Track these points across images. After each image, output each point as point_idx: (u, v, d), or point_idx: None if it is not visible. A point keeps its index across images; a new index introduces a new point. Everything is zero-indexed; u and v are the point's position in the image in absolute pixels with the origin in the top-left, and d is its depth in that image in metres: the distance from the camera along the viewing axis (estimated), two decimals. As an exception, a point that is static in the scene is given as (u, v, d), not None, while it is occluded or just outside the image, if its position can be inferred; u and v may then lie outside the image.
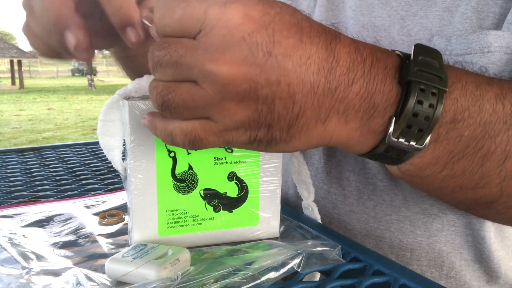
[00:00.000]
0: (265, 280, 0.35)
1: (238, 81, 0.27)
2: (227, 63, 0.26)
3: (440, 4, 0.50)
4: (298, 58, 0.27)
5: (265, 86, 0.27)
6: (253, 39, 0.26)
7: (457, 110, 0.32)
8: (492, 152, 0.33)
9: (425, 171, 0.35)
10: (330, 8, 0.61)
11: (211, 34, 0.26)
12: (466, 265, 0.53)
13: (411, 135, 0.31)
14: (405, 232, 0.54)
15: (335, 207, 0.59)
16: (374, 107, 0.30)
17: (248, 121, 0.29)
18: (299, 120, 0.29)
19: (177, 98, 0.28)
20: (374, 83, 0.30)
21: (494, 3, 0.46)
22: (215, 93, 0.27)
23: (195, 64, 0.27)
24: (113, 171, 0.72)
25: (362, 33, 0.56)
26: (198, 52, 0.27)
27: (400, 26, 0.53)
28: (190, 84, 0.28)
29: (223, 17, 0.26)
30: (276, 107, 0.28)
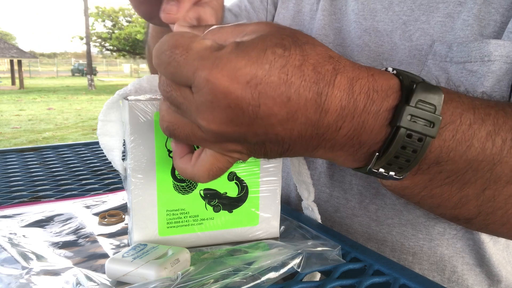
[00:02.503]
0: (265, 280, 0.35)
1: (228, 134, 0.29)
2: (216, 123, 0.28)
3: (442, 10, 0.50)
4: (285, 114, 0.28)
5: (254, 137, 0.29)
6: (238, 106, 0.27)
7: (443, 150, 0.33)
8: (472, 182, 0.34)
9: (404, 190, 0.36)
10: (333, 12, 0.61)
11: (200, 94, 0.27)
12: (468, 269, 0.53)
13: (391, 169, 0.33)
14: (407, 236, 0.54)
15: (337, 211, 0.59)
16: (360, 144, 0.32)
17: (246, 153, 0.32)
18: (289, 152, 0.32)
19: (182, 133, 0.31)
20: (362, 127, 0.30)
21: (495, 11, 0.46)
22: (210, 138, 0.30)
23: (190, 114, 0.29)
24: (113, 171, 0.72)
25: (364, 37, 0.56)
26: (192, 106, 0.29)
27: (402, 31, 0.53)
28: (190, 122, 0.30)
29: (208, 84, 0.27)
30: (267, 146, 0.31)
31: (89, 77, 19.03)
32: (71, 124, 7.74)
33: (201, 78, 0.27)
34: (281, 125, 0.28)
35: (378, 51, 0.55)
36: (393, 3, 0.55)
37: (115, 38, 32.32)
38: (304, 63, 0.27)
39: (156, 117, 0.38)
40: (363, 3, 0.57)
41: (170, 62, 0.28)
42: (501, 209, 0.36)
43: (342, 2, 0.61)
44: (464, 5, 0.48)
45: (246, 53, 0.27)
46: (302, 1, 0.67)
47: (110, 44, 34.25)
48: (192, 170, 0.33)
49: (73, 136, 6.49)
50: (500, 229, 0.38)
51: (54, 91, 16.18)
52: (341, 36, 0.61)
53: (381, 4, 0.56)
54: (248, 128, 0.28)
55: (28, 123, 7.82)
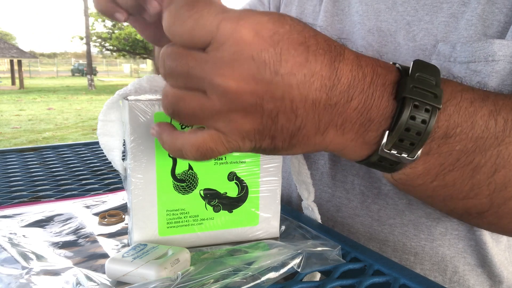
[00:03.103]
0: (265, 280, 0.35)
1: (245, 96, 0.28)
2: (235, 79, 0.27)
3: (446, 10, 0.50)
4: (303, 76, 0.28)
5: (270, 101, 0.28)
6: (261, 58, 0.27)
7: (450, 126, 0.33)
8: (482, 165, 0.34)
9: (417, 180, 0.36)
10: (336, 12, 0.62)
11: (222, 49, 0.27)
12: (469, 269, 0.53)
13: (403, 148, 0.33)
14: (408, 236, 0.54)
15: (339, 210, 0.59)
16: (370, 121, 0.32)
17: (253, 133, 0.30)
18: (300, 132, 0.31)
19: (187, 107, 0.29)
20: (371, 99, 0.31)
21: (499, 11, 0.46)
22: (223, 104, 0.28)
23: (204, 76, 0.28)
24: (113, 171, 0.72)
25: (368, 38, 0.56)
26: (208, 65, 0.27)
27: (406, 31, 0.53)
28: (200, 94, 0.29)
29: (234, 34, 0.27)
30: (280, 121, 0.30)
31: (89, 77, 19.03)
32: (71, 124, 7.74)
33: (226, 29, 0.27)
34: (298, 88, 0.28)
35: (381, 51, 0.55)
36: (396, 3, 0.55)
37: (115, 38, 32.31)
38: (317, 34, 0.30)
39: (156, 117, 0.38)
40: (367, 4, 0.57)
41: (192, 15, 0.27)
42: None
43: (345, 3, 0.61)
44: (468, 5, 0.48)
45: (267, 14, 0.28)
46: (304, 3, 0.67)
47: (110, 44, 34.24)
48: (182, 141, 0.31)
49: (73, 136, 6.49)
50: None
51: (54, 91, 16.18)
52: (343, 37, 0.61)
53: (385, 4, 0.56)
54: (267, 87, 0.28)
55: (28, 123, 7.82)
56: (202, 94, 0.29)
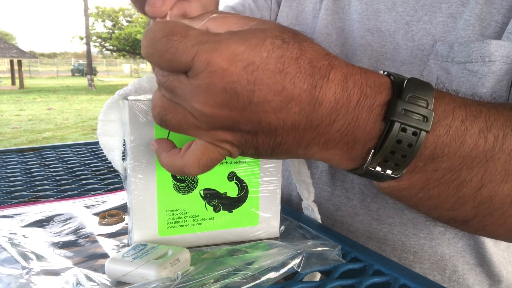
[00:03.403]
0: (265, 280, 0.35)
1: (221, 119, 0.29)
2: (210, 106, 0.28)
3: (444, 10, 0.50)
4: (279, 102, 0.28)
5: (247, 123, 0.29)
6: (234, 89, 0.28)
7: (437, 146, 0.33)
8: (468, 181, 0.35)
9: (402, 192, 0.36)
10: (336, 11, 0.62)
11: (197, 78, 0.28)
12: (469, 268, 0.53)
13: (387, 167, 0.33)
14: (408, 235, 0.54)
15: (339, 209, 0.59)
16: (355, 141, 0.32)
17: (237, 145, 0.31)
18: (281, 147, 0.31)
19: (173, 120, 0.31)
20: (356, 122, 0.31)
21: (497, 11, 0.47)
22: (203, 123, 0.30)
23: (185, 98, 0.29)
24: (113, 171, 0.72)
25: (367, 37, 0.56)
26: (187, 89, 0.29)
27: (405, 31, 0.53)
28: (184, 108, 0.30)
29: (208, 67, 0.27)
30: (259, 137, 0.30)
31: (89, 77, 19.03)
32: (71, 124, 7.74)
33: (201, 61, 0.27)
34: (274, 114, 0.29)
35: (380, 51, 0.55)
36: (396, 4, 0.55)
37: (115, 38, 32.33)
38: (301, 56, 0.28)
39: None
40: (367, 3, 0.57)
41: (168, 49, 0.28)
42: (498, 210, 0.36)
43: (345, 1, 0.61)
44: (466, 5, 0.49)
45: (245, 40, 0.28)
46: (305, 0, 0.67)
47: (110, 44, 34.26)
48: (182, 161, 0.32)
49: (73, 136, 6.49)
50: (497, 230, 0.39)
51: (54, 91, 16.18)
52: (343, 35, 0.61)
53: (385, 4, 0.56)
54: (241, 113, 0.29)
55: (28, 123, 7.82)
56: (186, 109, 0.30)
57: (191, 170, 0.32)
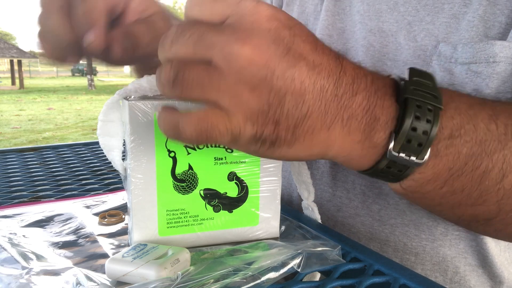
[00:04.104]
0: (265, 280, 0.35)
1: (257, 66, 0.28)
2: (252, 46, 0.28)
3: (447, 11, 0.50)
4: (312, 62, 0.29)
5: (280, 77, 0.28)
6: (278, 33, 0.28)
7: (454, 127, 0.33)
8: (489, 170, 0.35)
9: (426, 187, 0.36)
10: (337, 12, 0.62)
11: (241, 20, 0.28)
12: (470, 270, 0.53)
13: (411, 150, 0.33)
14: (409, 236, 0.54)
15: (340, 210, 0.59)
16: (376, 120, 0.32)
17: (257, 113, 0.29)
18: (305, 122, 0.30)
19: (192, 75, 0.28)
20: (375, 97, 0.32)
21: (500, 12, 0.46)
22: (232, 74, 0.28)
23: (218, 42, 0.28)
24: (113, 171, 0.72)
25: (369, 38, 0.56)
26: (224, 32, 0.28)
27: (407, 31, 0.53)
28: (206, 64, 0.28)
29: (254, 9, 0.28)
30: (287, 102, 0.29)
31: (89, 77, 19.03)
32: (71, 124, 7.74)
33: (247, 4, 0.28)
34: (307, 72, 0.29)
35: (382, 51, 0.55)
36: (398, 4, 0.55)
37: (115, 38, 32.25)
38: None
39: (156, 117, 0.38)
40: (369, 4, 0.57)
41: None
42: None
43: (346, 2, 0.61)
44: (469, 6, 0.48)
45: None
46: (306, 2, 0.67)
47: (110, 44, 34.16)
48: (181, 116, 0.30)
49: (73, 136, 6.49)
50: None
51: (54, 91, 16.17)
52: (344, 36, 0.61)
53: (387, 4, 0.56)
54: (279, 61, 0.28)
55: (28, 123, 7.82)
56: (207, 65, 0.28)
57: (186, 128, 0.29)
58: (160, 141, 0.38)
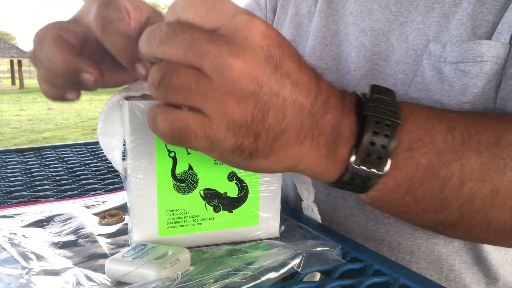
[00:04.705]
0: (265, 280, 0.35)
1: (247, 80, 0.29)
2: (245, 61, 0.28)
3: (438, 10, 0.50)
4: (295, 80, 0.31)
5: (267, 93, 0.30)
6: (269, 50, 0.29)
7: (412, 140, 0.35)
8: (448, 179, 0.36)
9: (390, 196, 0.37)
10: (330, 14, 0.62)
11: (235, 32, 0.28)
12: (465, 267, 0.53)
13: (371, 163, 0.34)
14: (404, 235, 0.54)
15: (335, 210, 0.59)
16: (339, 136, 0.34)
17: (240, 124, 0.30)
18: (283, 136, 0.32)
19: (181, 78, 0.28)
20: (341, 115, 0.34)
21: (488, 11, 0.47)
22: (222, 84, 0.28)
23: (212, 51, 0.28)
24: (113, 171, 0.72)
25: (361, 38, 0.56)
26: (219, 42, 0.28)
27: (399, 32, 0.53)
28: (196, 70, 0.29)
29: (249, 24, 0.29)
30: (269, 117, 0.30)
31: (89, 77, 18.98)
32: (71, 124, 7.74)
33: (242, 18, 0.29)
34: (290, 90, 0.31)
35: (374, 51, 0.55)
36: (389, 3, 0.55)
37: (115, 38, 32.29)
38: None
39: None
40: (361, 5, 0.57)
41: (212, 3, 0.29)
42: (481, 212, 0.37)
43: (339, 4, 0.61)
44: (459, 5, 0.49)
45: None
46: (299, 3, 0.67)
47: (110, 44, 34.20)
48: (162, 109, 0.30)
49: (73, 136, 6.49)
50: (483, 234, 0.40)
51: (54, 91, 16.15)
52: (338, 38, 0.61)
53: (378, 4, 0.56)
54: (268, 78, 0.29)
55: (28, 123, 7.82)
56: (197, 71, 0.28)
57: (160, 123, 0.30)
58: (160, 141, 0.38)
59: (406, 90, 0.51)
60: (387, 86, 0.50)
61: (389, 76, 0.54)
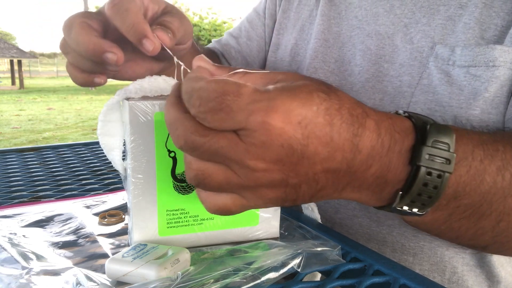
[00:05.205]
0: (265, 280, 0.35)
1: (272, 174, 0.29)
2: (265, 162, 0.28)
3: (442, 12, 0.50)
4: (326, 153, 0.29)
5: (295, 177, 0.29)
6: (290, 145, 0.28)
7: (460, 185, 0.35)
8: (487, 215, 0.37)
9: (426, 225, 0.38)
10: (333, 16, 0.62)
11: (253, 136, 0.28)
12: (468, 270, 0.53)
13: (414, 206, 0.34)
14: (407, 236, 0.54)
15: (338, 212, 0.59)
16: (386, 183, 0.33)
17: (276, 200, 0.31)
18: (319, 193, 0.32)
19: (213, 182, 0.30)
20: (388, 166, 0.32)
21: (496, 14, 0.47)
22: (250, 181, 0.29)
23: (235, 157, 0.28)
24: (113, 171, 0.72)
25: (367, 41, 0.57)
26: (239, 148, 0.28)
27: (403, 33, 0.53)
28: (225, 167, 0.29)
29: (264, 125, 0.27)
30: (302, 189, 0.31)
31: (89, 77, 18.97)
32: (71, 124, 7.74)
33: (256, 121, 0.27)
34: (321, 164, 0.29)
35: (379, 54, 0.56)
36: (394, 6, 0.55)
37: (115, 38, 32.25)
38: (341, 106, 0.29)
39: (156, 117, 0.38)
40: (366, 9, 0.58)
41: (222, 108, 0.27)
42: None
43: (342, 7, 0.61)
44: (465, 8, 0.49)
45: (295, 95, 0.28)
46: (301, 8, 0.67)
47: (110, 44, 34.16)
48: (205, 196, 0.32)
49: (73, 136, 6.49)
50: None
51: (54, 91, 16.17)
52: (340, 40, 0.61)
53: (383, 8, 0.56)
54: (293, 167, 0.29)
55: (28, 123, 7.82)
56: (227, 168, 0.29)
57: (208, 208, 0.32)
58: (160, 141, 0.38)
59: (412, 92, 0.52)
60: (392, 87, 0.49)
61: (394, 78, 0.54)
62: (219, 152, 0.28)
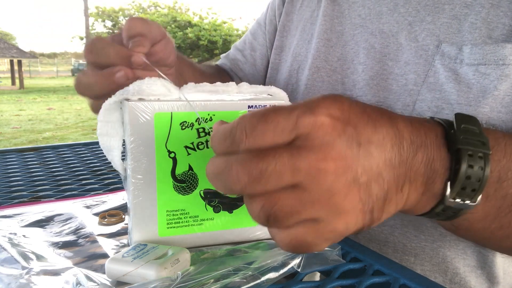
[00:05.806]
0: (265, 280, 0.35)
1: (344, 173, 0.28)
2: (333, 159, 0.27)
3: (448, 11, 0.50)
4: (377, 141, 0.30)
5: (363, 173, 0.29)
6: (346, 134, 0.28)
7: (501, 170, 0.35)
8: None
9: (477, 225, 0.38)
10: (336, 15, 0.62)
11: (309, 138, 0.27)
12: (469, 271, 0.53)
13: (465, 195, 0.34)
14: (409, 237, 0.54)
15: None
16: (435, 173, 0.33)
17: (355, 213, 0.29)
18: (387, 195, 0.31)
19: (284, 207, 0.28)
20: (432, 151, 0.33)
21: (504, 14, 0.47)
22: (324, 191, 0.28)
23: (302, 166, 0.27)
24: (113, 171, 0.72)
25: (371, 40, 0.57)
26: (303, 155, 0.27)
27: (408, 31, 0.53)
28: (292, 189, 0.28)
29: (315, 123, 0.27)
30: (373, 190, 0.30)
31: (89, 77, 18.97)
32: (71, 124, 7.74)
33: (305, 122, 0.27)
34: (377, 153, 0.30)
35: (383, 52, 0.56)
36: (398, 5, 0.55)
37: (115, 38, 32.24)
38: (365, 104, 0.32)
39: (156, 118, 0.38)
40: (370, 8, 0.58)
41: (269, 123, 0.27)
42: None
43: (344, 6, 0.61)
44: (471, 8, 0.49)
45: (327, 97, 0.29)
46: (303, 10, 0.68)
47: (110, 44, 34.15)
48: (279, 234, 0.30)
49: (73, 136, 6.49)
50: None
51: (54, 91, 16.17)
52: (343, 39, 0.61)
53: (387, 6, 0.56)
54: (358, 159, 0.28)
55: (28, 123, 7.82)
56: (294, 189, 0.28)
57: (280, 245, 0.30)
58: (160, 141, 0.38)
59: (419, 90, 0.52)
60: (397, 85, 0.49)
61: (399, 76, 0.54)
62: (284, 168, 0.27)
